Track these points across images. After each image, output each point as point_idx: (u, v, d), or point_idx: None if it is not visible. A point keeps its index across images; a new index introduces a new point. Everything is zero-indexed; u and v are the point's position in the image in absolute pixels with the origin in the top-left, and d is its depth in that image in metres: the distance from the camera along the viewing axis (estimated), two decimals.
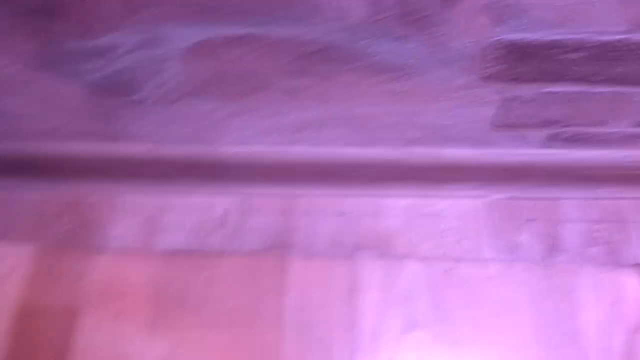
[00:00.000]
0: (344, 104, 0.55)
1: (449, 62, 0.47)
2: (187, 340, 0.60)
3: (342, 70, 0.49)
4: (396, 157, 0.62)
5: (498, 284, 0.61)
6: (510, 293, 0.61)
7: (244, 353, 0.59)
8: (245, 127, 0.60)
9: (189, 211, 0.68)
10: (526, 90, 0.51)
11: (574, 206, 0.65)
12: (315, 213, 0.67)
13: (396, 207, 0.66)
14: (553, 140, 0.59)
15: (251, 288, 0.63)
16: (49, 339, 0.61)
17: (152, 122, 0.59)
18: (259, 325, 0.61)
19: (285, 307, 0.61)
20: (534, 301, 0.60)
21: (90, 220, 0.68)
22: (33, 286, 0.64)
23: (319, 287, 0.62)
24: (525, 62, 0.47)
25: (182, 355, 0.60)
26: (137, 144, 0.63)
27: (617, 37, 0.44)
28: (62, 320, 0.62)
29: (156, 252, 0.65)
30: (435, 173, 0.64)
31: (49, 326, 0.62)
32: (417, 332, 0.59)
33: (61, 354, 0.60)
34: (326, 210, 0.67)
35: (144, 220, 0.68)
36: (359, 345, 0.59)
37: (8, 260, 0.66)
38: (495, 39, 0.45)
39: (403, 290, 0.61)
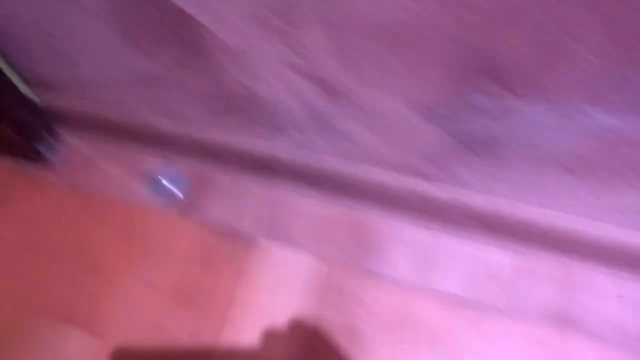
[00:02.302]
0: None
1: None
2: None
3: None
4: None
5: None
6: None
7: None
8: (566, 195, 0.60)
9: (465, 257, 0.69)
10: None
11: None
12: (595, 290, 0.65)
13: None
14: None
15: (531, 358, 0.62)
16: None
17: (481, 174, 0.60)
18: None
19: None
20: None
21: (368, 243, 0.71)
22: (315, 296, 0.68)
23: None
24: None
25: None
26: (454, 190, 0.64)
27: None
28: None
29: (436, 293, 0.67)
30: None
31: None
32: None
33: None
34: (606, 289, 0.65)
35: (419, 256, 0.69)
36: None
37: (288, 263, 0.70)
38: None
39: None
